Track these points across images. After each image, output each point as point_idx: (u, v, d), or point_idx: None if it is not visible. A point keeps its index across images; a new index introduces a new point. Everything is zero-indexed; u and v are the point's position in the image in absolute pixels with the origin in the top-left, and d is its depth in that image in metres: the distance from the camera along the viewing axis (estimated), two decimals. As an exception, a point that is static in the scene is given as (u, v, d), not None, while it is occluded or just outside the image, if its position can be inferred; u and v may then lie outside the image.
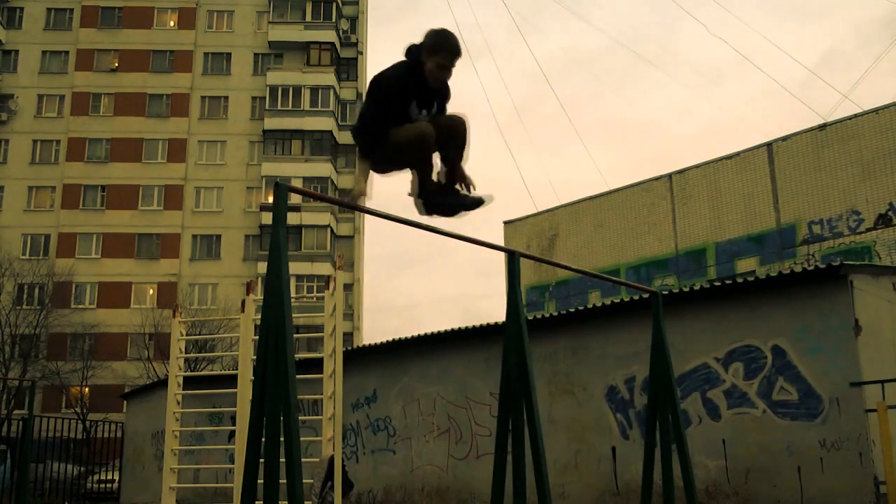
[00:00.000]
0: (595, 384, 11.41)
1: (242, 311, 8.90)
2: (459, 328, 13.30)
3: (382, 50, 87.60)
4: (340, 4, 50.01)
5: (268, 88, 46.75)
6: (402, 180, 4.53)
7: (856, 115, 18.59)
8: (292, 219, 42.06)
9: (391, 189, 4.94)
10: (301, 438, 3.56)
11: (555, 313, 12.53)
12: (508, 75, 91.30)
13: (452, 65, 4.29)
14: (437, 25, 4.35)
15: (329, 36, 48.09)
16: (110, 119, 46.62)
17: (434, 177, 4.44)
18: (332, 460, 8.16)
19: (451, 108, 4.54)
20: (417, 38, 4.38)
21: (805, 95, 78.23)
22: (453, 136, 4.38)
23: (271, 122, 46.19)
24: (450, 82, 4.42)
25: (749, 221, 19.92)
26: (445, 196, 4.43)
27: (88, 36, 47.82)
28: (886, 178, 17.67)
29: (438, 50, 4.23)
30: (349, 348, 15.37)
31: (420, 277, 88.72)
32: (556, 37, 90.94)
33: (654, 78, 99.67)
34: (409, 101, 4.26)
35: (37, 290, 39.88)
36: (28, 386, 17.39)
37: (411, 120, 4.27)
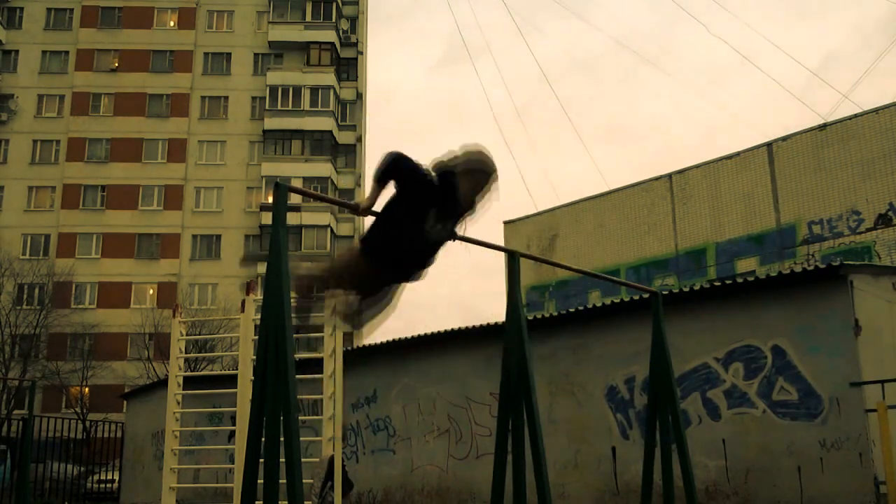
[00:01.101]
0: (595, 384, 11.41)
1: (242, 311, 8.90)
2: (459, 328, 13.30)
3: (382, 50, 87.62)
4: (340, 4, 50.01)
5: (268, 88, 46.75)
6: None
7: (856, 115, 18.59)
8: (292, 219, 42.04)
9: (388, 188, 4.89)
10: (301, 438, 3.56)
11: (555, 313, 12.53)
12: (511, 75, 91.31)
13: (489, 186, 3.89)
14: (471, 144, 3.95)
15: (329, 36, 48.10)
16: (110, 119, 46.62)
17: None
18: (332, 460, 8.16)
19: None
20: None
21: (807, 96, 78.29)
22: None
23: (271, 122, 46.19)
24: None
25: (749, 221, 19.92)
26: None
27: (88, 36, 47.82)
28: (886, 178, 17.67)
29: (473, 170, 3.86)
30: (349, 348, 15.37)
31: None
32: (558, 37, 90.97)
33: (656, 78, 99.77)
34: (427, 209, 3.88)
35: (37, 290, 39.89)
36: (28, 386, 17.39)
37: (426, 227, 3.89)
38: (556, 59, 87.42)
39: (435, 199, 3.87)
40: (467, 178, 3.86)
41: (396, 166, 3.85)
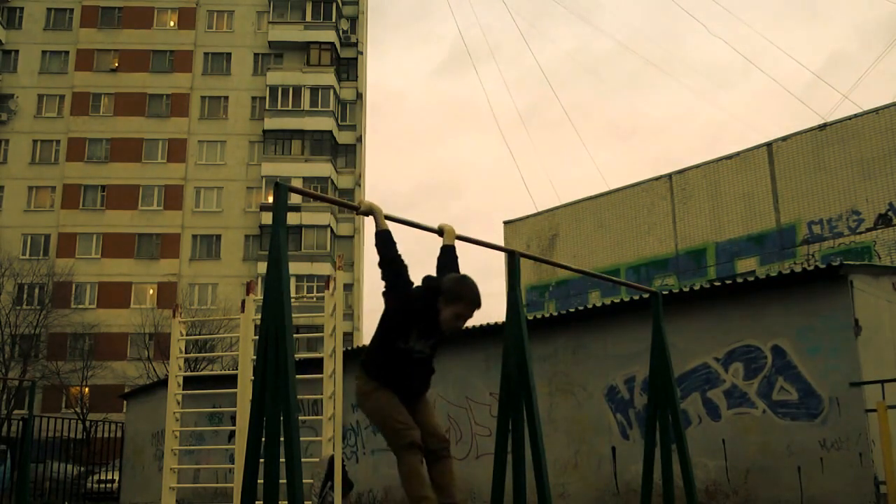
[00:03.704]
0: (595, 384, 11.40)
1: (242, 311, 8.90)
2: (459, 328, 13.26)
3: (382, 50, 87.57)
4: (340, 4, 50.01)
5: (268, 88, 46.75)
6: (401, 184, 4.42)
7: (856, 115, 18.59)
8: (292, 219, 42.05)
9: (389, 189, 4.92)
10: (301, 438, 3.56)
11: (555, 313, 12.52)
12: (519, 78, 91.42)
13: (471, 316, 4.15)
14: (458, 273, 4.31)
15: (329, 36, 48.09)
16: (110, 119, 46.62)
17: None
18: (332, 460, 8.16)
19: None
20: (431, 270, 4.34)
21: (811, 97, 78.30)
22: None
23: (271, 122, 46.19)
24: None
25: (749, 221, 19.91)
26: None
27: (88, 36, 47.83)
28: (886, 178, 17.67)
29: (459, 299, 4.07)
30: (349, 348, 15.35)
31: (420, 277, 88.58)
32: (565, 41, 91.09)
33: (660, 81, 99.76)
34: (410, 329, 4.13)
35: (37, 290, 39.90)
36: (28, 386, 17.40)
37: (408, 346, 4.14)
38: (562, 61, 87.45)
39: (417, 316, 4.12)
40: (451, 305, 4.08)
41: (392, 272, 4.18)
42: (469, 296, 4.09)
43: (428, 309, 4.10)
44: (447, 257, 4.54)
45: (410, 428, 4.06)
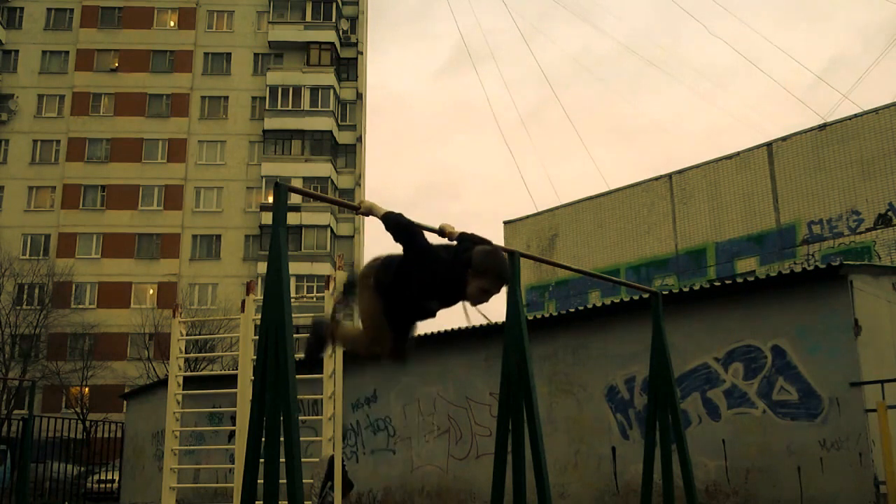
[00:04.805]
0: (595, 384, 11.40)
1: (242, 311, 8.91)
2: (459, 328, 13.29)
3: (382, 50, 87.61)
4: (340, 4, 49.99)
5: (268, 88, 46.74)
6: (401, 184, 4.42)
7: (856, 115, 18.59)
8: (292, 219, 42.05)
9: (389, 189, 4.92)
10: (301, 438, 3.56)
11: (555, 313, 12.52)
12: (522, 78, 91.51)
13: (498, 291, 4.00)
14: (490, 245, 4.12)
15: (329, 36, 48.09)
16: (110, 119, 46.61)
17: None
18: (332, 460, 8.17)
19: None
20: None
21: (812, 98, 78.35)
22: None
23: (271, 122, 46.18)
24: None
25: (749, 221, 19.92)
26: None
27: (88, 36, 47.82)
28: (886, 178, 17.67)
29: (486, 273, 3.89)
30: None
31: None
32: (567, 41, 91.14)
33: (662, 81, 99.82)
34: (430, 299, 4.03)
35: (37, 290, 39.87)
36: (28, 386, 17.41)
37: (426, 307, 4.07)
38: (563, 62, 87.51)
39: (438, 290, 3.99)
40: (479, 278, 3.92)
41: (412, 246, 3.97)
42: (497, 270, 3.92)
43: (453, 280, 3.95)
44: (469, 238, 4.37)
45: (384, 338, 4.02)
